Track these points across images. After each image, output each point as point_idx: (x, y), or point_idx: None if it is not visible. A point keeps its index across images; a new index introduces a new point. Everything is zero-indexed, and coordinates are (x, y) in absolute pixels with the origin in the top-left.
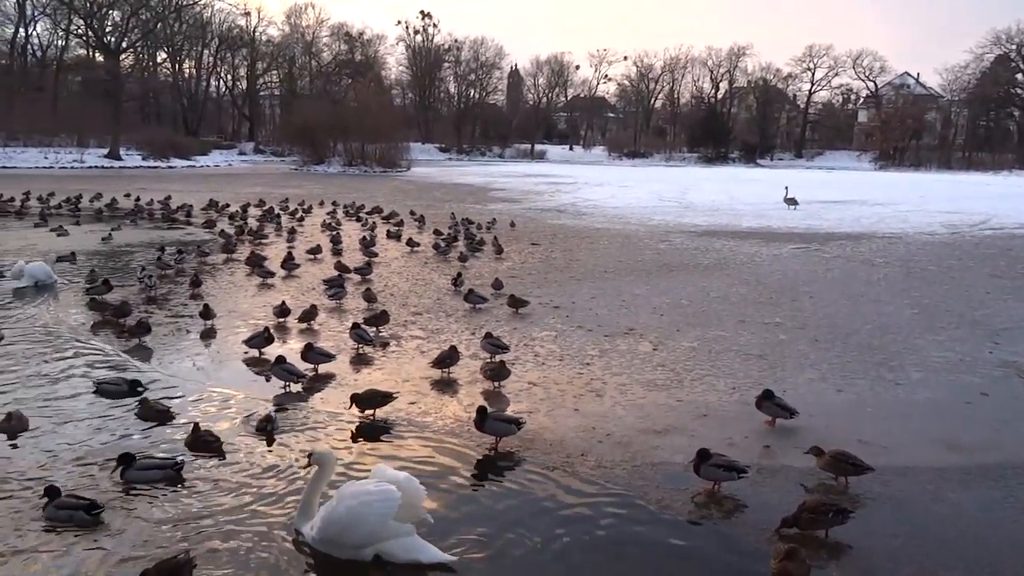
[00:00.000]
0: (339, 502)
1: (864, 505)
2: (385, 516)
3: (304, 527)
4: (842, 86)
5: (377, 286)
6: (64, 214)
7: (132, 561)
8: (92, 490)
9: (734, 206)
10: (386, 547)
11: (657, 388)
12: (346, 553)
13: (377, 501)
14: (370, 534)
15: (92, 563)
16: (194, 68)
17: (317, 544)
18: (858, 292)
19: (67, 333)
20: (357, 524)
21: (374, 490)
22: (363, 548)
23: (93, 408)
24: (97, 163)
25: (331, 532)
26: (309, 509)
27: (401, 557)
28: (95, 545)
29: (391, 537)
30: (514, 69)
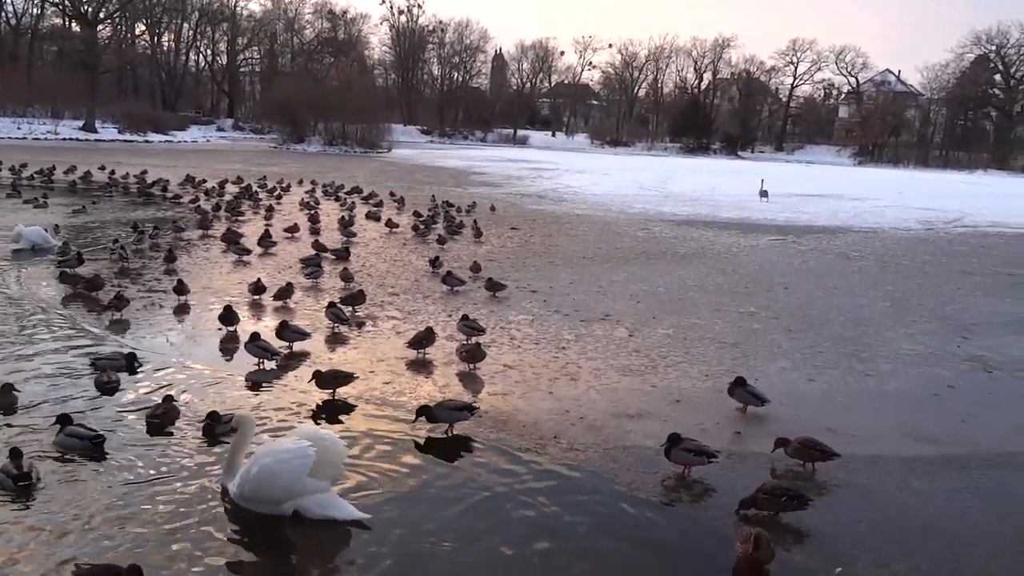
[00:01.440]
0: (257, 459)
1: (830, 492)
2: (300, 473)
3: (229, 484)
4: (824, 81)
5: (355, 266)
6: (36, 186)
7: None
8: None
9: (714, 197)
10: (303, 503)
11: (631, 373)
12: (265, 508)
13: (292, 459)
14: (285, 490)
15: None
16: (173, 41)
17: (239, 500)
18: (832, 284)
19: (37, 306)
20: (273, 480)
21: (290, 448)
22: (281, 503)
23: (57, 381)
24: (72, 135)
25: (249, 488)
26: (233, 468)
27: (317, 513)
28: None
29: (307, 493)
30: (498, 53)
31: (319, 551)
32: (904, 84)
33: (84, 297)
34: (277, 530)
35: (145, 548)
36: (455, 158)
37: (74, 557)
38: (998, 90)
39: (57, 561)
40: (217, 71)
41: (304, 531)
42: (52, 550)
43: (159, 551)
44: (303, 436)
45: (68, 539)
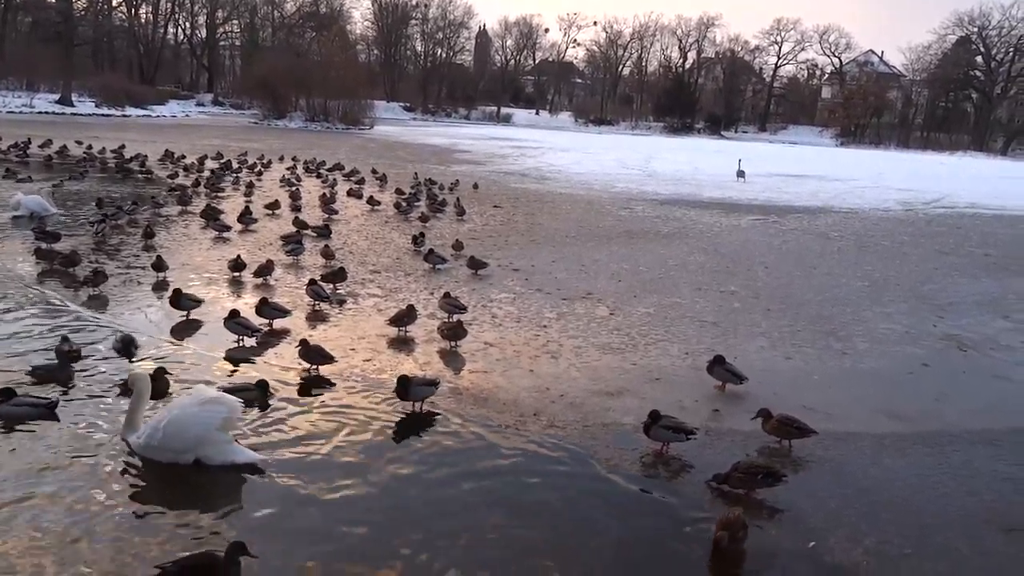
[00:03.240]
0: (168, 414)
1: (805, 468)
2: (209, 427)
3: (130, 437)
4: (808, 61)
5: (336, 244)
6: (11, 160)
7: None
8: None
9: (696, 177)
10: (205, 452)
11: (612, 351)
12: (168, 457)
13: (203, 414)
14: (193, 441)
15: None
16: (151, 13)
17: (142, 450)
18: (812, 264)
19: (13, 281)
20: (183, 433)
21: (198, 404)
22: (185, 453)
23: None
24: (48, 109)
25: (157, 440)
26: (133, 422)
27: (217, 460)
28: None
29: (211, 444)
30: (482, 29)
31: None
32: (887, 65)
33: (61, 273)
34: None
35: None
36: (438, 135)
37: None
38: (979, 72)
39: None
40: (196, 45)
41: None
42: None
43: (68, 493)
44: (202, 395)
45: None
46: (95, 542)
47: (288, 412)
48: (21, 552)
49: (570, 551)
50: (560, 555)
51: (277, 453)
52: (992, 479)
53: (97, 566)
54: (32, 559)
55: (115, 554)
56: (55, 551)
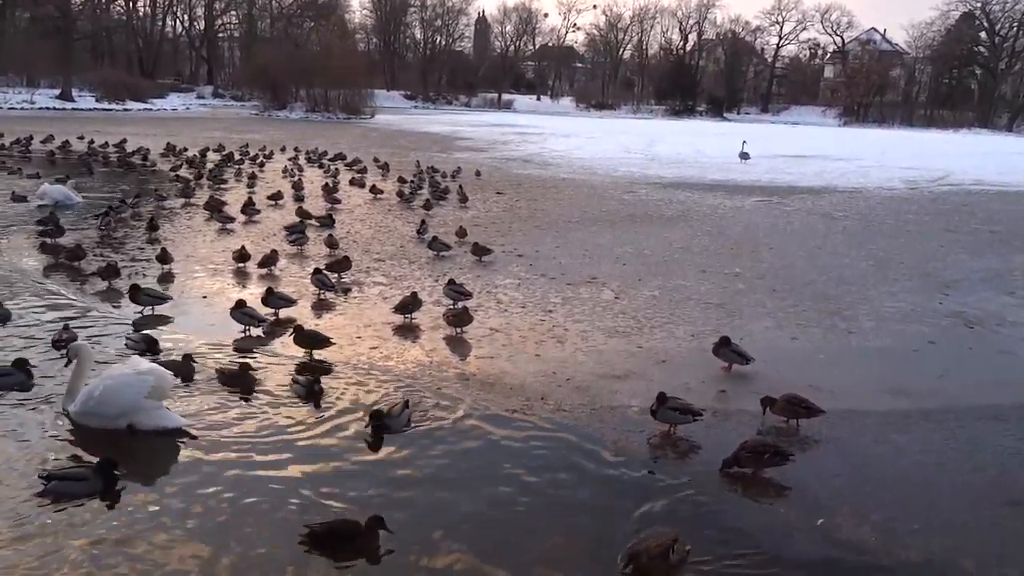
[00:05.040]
0: (101, 382)
1: (812, 447)
2: (139, 395)
3: (69, 406)
4: (809, 40)
5: (340, 233)
6: (14, 156)
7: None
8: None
9: (699, 159)
10: (136, 417)
11: (618, 335)
12: (102, 423)
13: (133, 382)
14: (125, 408)
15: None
16: (149, 6)
17: (78, 417)
18: (816, 244)
19: (19, 277)
20: (115, 399)
21: (130, 373)
22: (118, 419)
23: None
24: (48, 104)
25: (90, 406)
26: (73, 392)
27: (148, 425)
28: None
29: (141, 410)
30: (481, 16)
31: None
32: (889, 43)
33: (66, 267)
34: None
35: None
36: (439, 123)
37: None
38: (983, 48)
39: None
40: (195, 37)
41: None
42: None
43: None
44: (134, 365)
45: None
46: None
47: (288, 399)
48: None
49: (577, 534)
50: (566, 538)
51: (279, 436)
52: (998, 454)
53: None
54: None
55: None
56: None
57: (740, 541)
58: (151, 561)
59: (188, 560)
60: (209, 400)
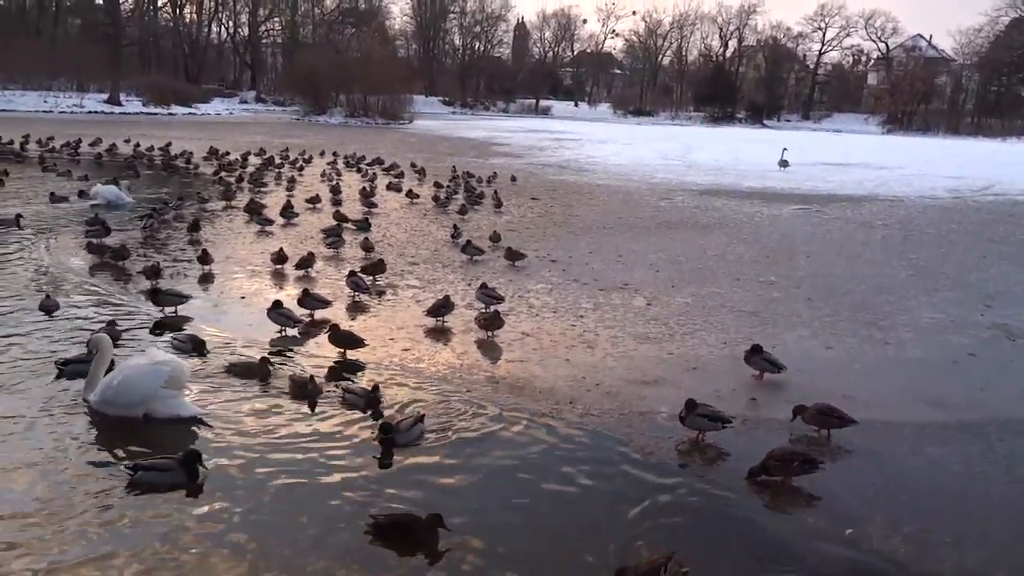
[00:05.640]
0: (120, 372)
1: (844, 457)
2: (156, 384)
3: (90, 396)
4: (853, 47)
5: (375, 236)
6: (63, 158)
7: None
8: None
9: (737, 166)
10: (153, 407)
11: (649, 341)
12: (120, 412)
13: (150, 372)
14: (142, 396)
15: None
16: (195, 13)
17: (97, 406)
18: (855, 253)
19: (70, 276)
20: (133, 388)
21: (147, 363)
22: (135, 408)
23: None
24: (97, 108)
25: (109, 395)
26: (93, 382)
27: (164, 413)
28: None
29: (157, 399)
30: (520, 22)
31: None
32: (935, 49)
33: (111, 267)
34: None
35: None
36: (476, 129)
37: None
38: None
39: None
40: (239, 43)
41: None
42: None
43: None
44: (152, 356)
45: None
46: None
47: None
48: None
49: (603, 539)
50: (593, 543)
51: (309, 435)
52: None
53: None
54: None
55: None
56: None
57: (767, 550)
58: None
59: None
60: (264, 403)
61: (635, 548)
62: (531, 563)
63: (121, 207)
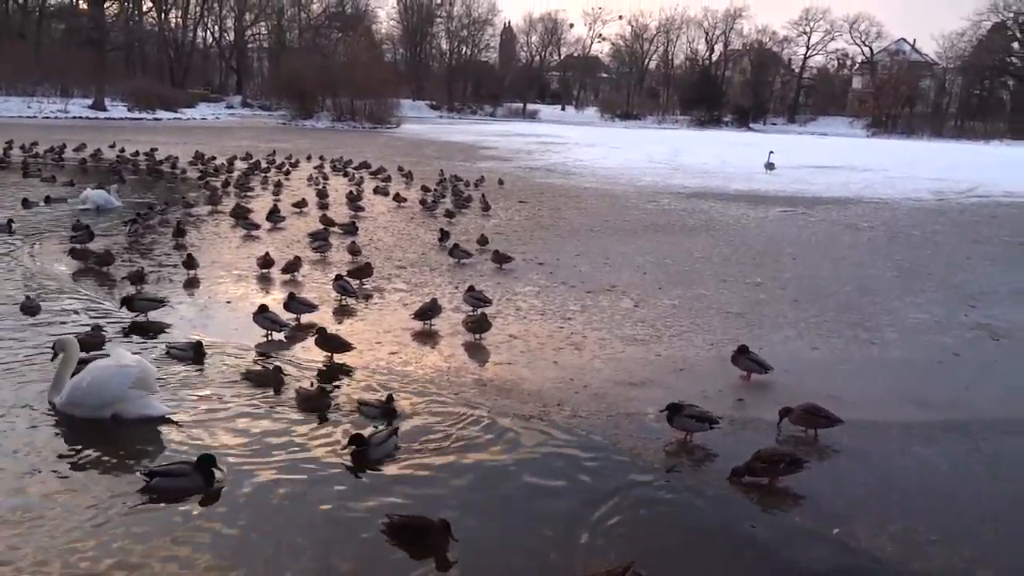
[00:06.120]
0: (88, 374)
1: (831, 457)
2: (123, 385)
3: (55, 398)
4: (838, 51)
5: (362, 240)
6: (48, 164)
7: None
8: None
9: (724, 169)
10: (121, 408)
11: (636, 343)
12: (88, 413)
13: (118, 374)
14: (110, 398)
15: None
16: (180, 17)
17: (64, 408)
18: (840, 255)
19: (50, 280)
20: (102, 390)
21: (114, 365)
22: (103, 409)
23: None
24: (82, 113)
25: (77, 396)
26: (59, 384)
27: (133, 414)
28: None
29: (126, 400)
30: (507, 26)
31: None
32: (919, 53)
33: (95, 272)
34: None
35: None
36: (464, 133)
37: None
38: (1016, 58)
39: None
40: (225, 47)
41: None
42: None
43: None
44: (119, 357)
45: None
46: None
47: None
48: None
49: (590, 540)
50: (580, 544)
51: (298, 443)
52: (1023, 467)
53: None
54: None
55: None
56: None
57: (754, 550)
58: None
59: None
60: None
61: (619, 550)
62: (514, 565)
63: (110, 211)
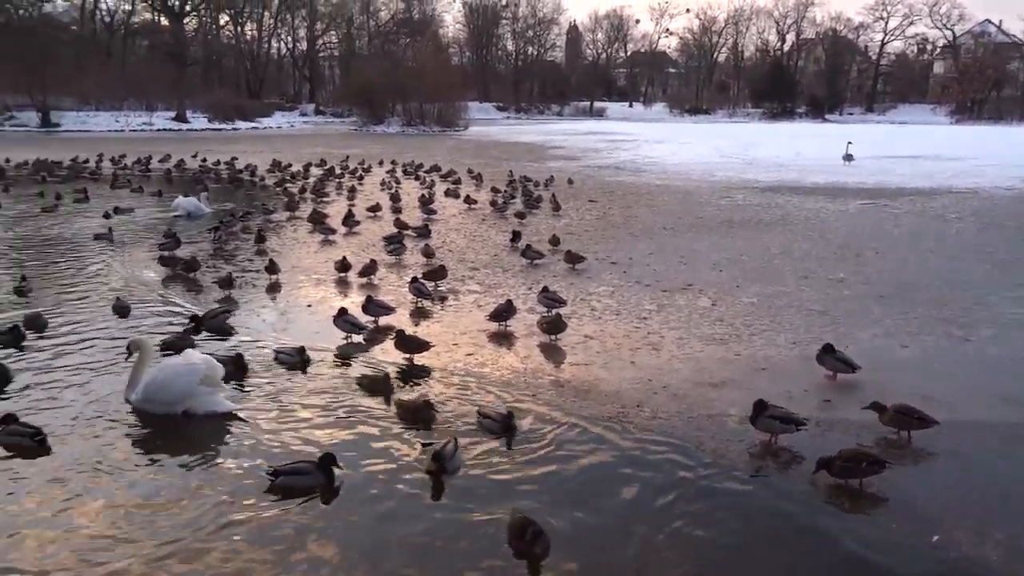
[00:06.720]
0: (159, 372)
1: (927, 460)
2: (192, 382)
3: (131, 396)
4: (917, 35)
5: (436, 242)
6: (135, 175)
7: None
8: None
9: (799, 162)
10: (191, 404)
11: (715, 342)
12: (160, 409)
13: (185, 372)
14: (180, 394)
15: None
16: (255, 30)
17: (139, 404)
18: (928, 248)
19: (141, 287)
20: (170, 387)
21: (183, 363)
22: (175, 405)
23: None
24: (165, 126)
25: (149, 393)
26: (135, 382)
27: (201, 410)
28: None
29: (196, 397)
30: (572, 25)
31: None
32: (1006, 35)
33: (183, 278)
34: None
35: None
36: (531, 133)
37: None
38: None
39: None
40: (298, 57)
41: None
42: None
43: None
44: (189, 357)
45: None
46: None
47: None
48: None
49: (672, 544)
50: (660, 551)
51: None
52: None
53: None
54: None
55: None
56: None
57: (846, 557)
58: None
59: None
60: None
61: (702, 555)
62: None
63: (200, 217)
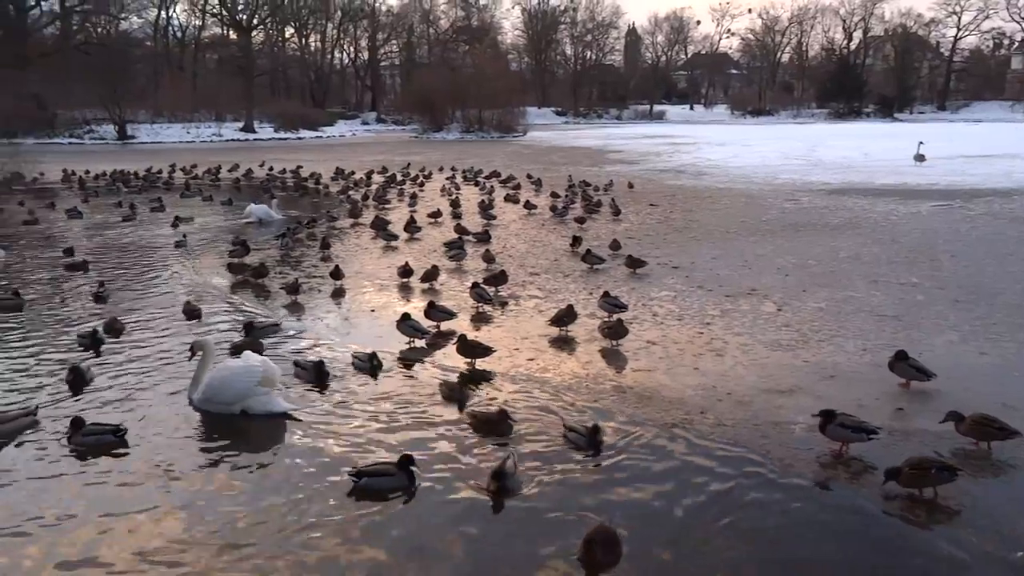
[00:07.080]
0: (219, 372)
1: (1006, 471)
2: (250, 383)
3: (193, 395)
4: (993, 30)
5: (496, 248)
6: (206, 184)
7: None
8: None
9: (867, 163)
10: (249, 403)
11: (781, 348)
12: (220, 409)
13: (244, 373)
14: (238, 394)
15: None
16: (319, 42)
17: (200, 404)
18: (1006, 251)
19: (211, 292)
20: (228, 387)
21: (242, 365)
22: (233, 404)
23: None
24: (233, 136)
25: (209, 393)
26: (197, 382)
27: (259, 410)
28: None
29: (253, 397)
30: (631, 28)
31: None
32: None
33: (252, 284)
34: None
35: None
36: (590, 137)
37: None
38: None
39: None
40: (360, 67)
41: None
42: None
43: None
44: (247, 359)
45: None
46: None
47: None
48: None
49: (738, 555)
50: (735, 565)
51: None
52: None
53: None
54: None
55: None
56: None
57: (922, 572)
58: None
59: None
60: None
61: (771, 567)
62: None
63: (271, 223)
